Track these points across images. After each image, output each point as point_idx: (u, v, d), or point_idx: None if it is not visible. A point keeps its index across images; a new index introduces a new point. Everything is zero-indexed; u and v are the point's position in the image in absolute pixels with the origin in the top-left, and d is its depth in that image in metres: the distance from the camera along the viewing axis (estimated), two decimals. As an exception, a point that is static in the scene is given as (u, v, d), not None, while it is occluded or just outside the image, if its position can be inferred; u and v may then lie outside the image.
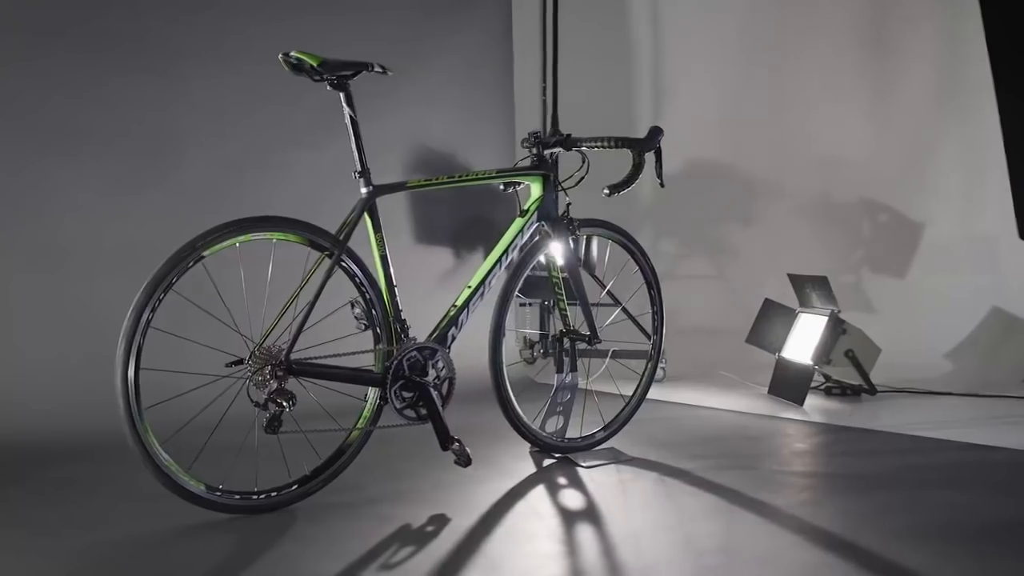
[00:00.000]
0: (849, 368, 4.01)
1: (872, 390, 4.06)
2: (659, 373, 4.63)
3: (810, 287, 4.18)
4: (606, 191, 2.91)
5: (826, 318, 4.01)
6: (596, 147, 2.97)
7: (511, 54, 4.92)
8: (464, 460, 2.70)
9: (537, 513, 2.53)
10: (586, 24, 5.74)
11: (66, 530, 2.38)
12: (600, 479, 2.86)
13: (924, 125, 5.26)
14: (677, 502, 2.63)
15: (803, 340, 4.13)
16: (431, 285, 3.95)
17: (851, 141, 5.41)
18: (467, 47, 4.64)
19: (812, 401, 4.03)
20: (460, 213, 4.48)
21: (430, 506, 2.55)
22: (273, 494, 2.52)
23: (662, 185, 3.05)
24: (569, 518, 2.50)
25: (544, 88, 4.76)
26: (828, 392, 4.19)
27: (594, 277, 4.68)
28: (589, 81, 5.70)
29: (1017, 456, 3.12)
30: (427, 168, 4.32)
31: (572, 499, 2.69)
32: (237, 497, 2.46)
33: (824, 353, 3.98)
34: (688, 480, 2.84)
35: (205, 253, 2.39)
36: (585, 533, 2.37)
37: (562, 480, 2.86)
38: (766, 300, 4.43)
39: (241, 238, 2.44)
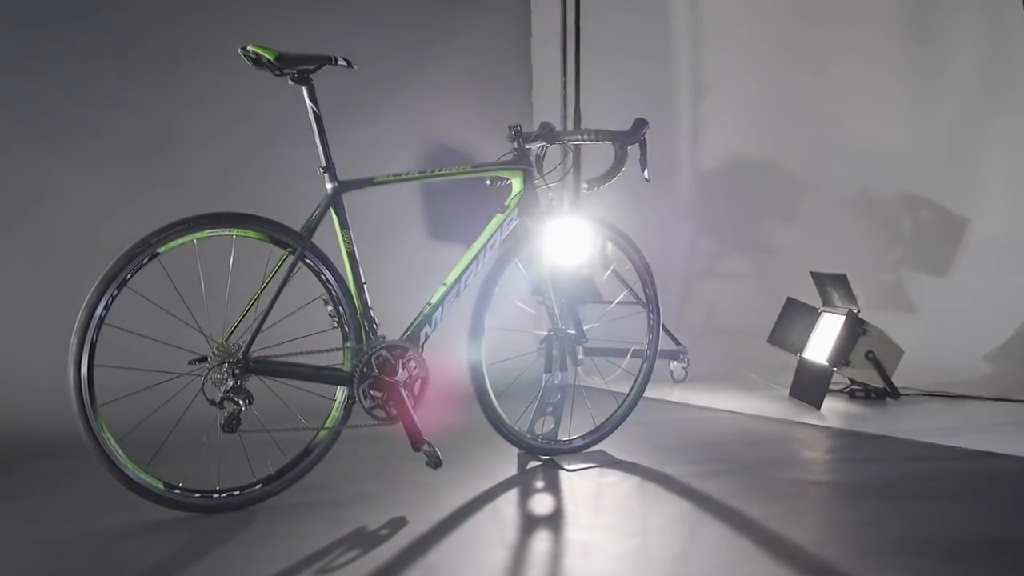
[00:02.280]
0: (870, 370, 3.84)
1: (895, 393, 3.88)
2: (680, 373, 4.54)
3: (831, 285, 4.02)
4: (585, 185, 2.82)
5: (841, 317, 3.84)
6: (578, 141, 2.88)
7: (528, 47, 4.84)
8: (435, 462, 2.65)
9: (498, 518, 2.47)
10: (621, 17, 5.64)
11: (22, 525, 2.39)
12: (578, 483, 2.78)
13: (969, 118, 5.01)
14: (648, 509, 2.55)
15: (824, 341, 3.97)
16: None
17: (893, 135, 5.19)
18: (482, 40, 4.58)
19: (832, 404, 3.88)
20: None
21: (393, 508, 2.50)
22: (235, 493, 2.50)
23: (647, 179, 2.94)
24: (529, 524, 2.43)
25: (564, 82, 4.68)
26: (852, 395, 4.02)
27: (617, 276, 4.62)
28: (623, 75, 5.60)
29: (1030, 466, 2.95)
30: (439, 163, 4.27)
31: (540, 504, 2.61)
32: (197, 495, 2.45)
33: (842, 354, 3.82)
34: (670, 486, 2.75)
35: (160, 250, 2.38)
36: (539, 540, 2.29)
37: (539, 484, 2.79)
38: (788, 299, 4.29)
39: (198, 235, 2.42)
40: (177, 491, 2.42)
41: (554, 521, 2.45)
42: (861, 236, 5.21)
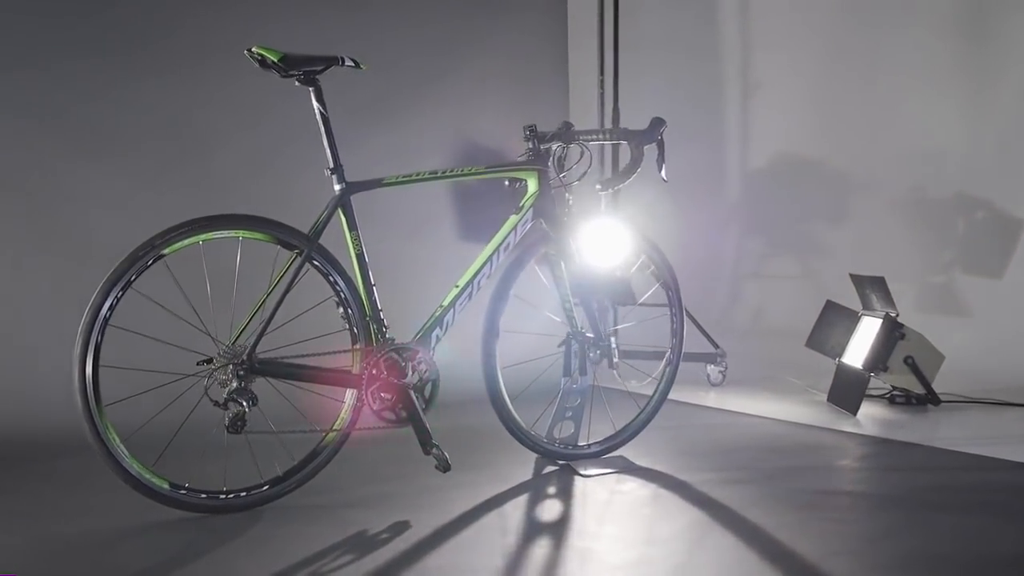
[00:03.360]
0: (909, 376, 3.72)
1: (935, 400, 3.75)
2: (717, 377, 4.45)
3: (870, 288, 3.90)
4: (598, 186, 2.77)
5: (879, 321, 3.73)
6: (593, 140, 2.82)
7: (565, 47, 4.79)
8: (443, 466, 2.62)
9: (503, 524, 2.43)
10: (665, 15, 5.57)
11: (27, 523, 2.43)
12: (591, 489, 2.74)
13: (1025, 117, 4.83)
14: (658, 518, 2.48)
15: (862, 345, 3.85)
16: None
17: (947, 134, 5.02)
18: (517, 40, 4.54)
19: (870, 410, 3.76)
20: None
21: (398, 512, 2.48)
22: (242, 494, 2.50)
23: (664, 180, 2.87)
24: (532, 531, 2.38)
25: (601, 81, 4.63)
26: (892, 400, 3.89)
27: (653, 276, 4.55)
28: (668, 73, 5.52)
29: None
30: (473, 162, 4.25)
31: (548, 510, 2.57)
32: (203, 496, 2.46)
33: (879, 359, 3.70)
34: (685, 494, 2.68)
35: (165, 251, 2.39)
36: (539, 548, 2.25)
37: (551, 489, 2.75)
38: (827, 302, 4.17)
39: (203, 236, 2.43)
40: (183, 491, 2.43)
41: (558, 528, 2.40)
42: (912, 237, 5.07)
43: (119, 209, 3.69)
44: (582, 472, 2.89)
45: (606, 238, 3.06)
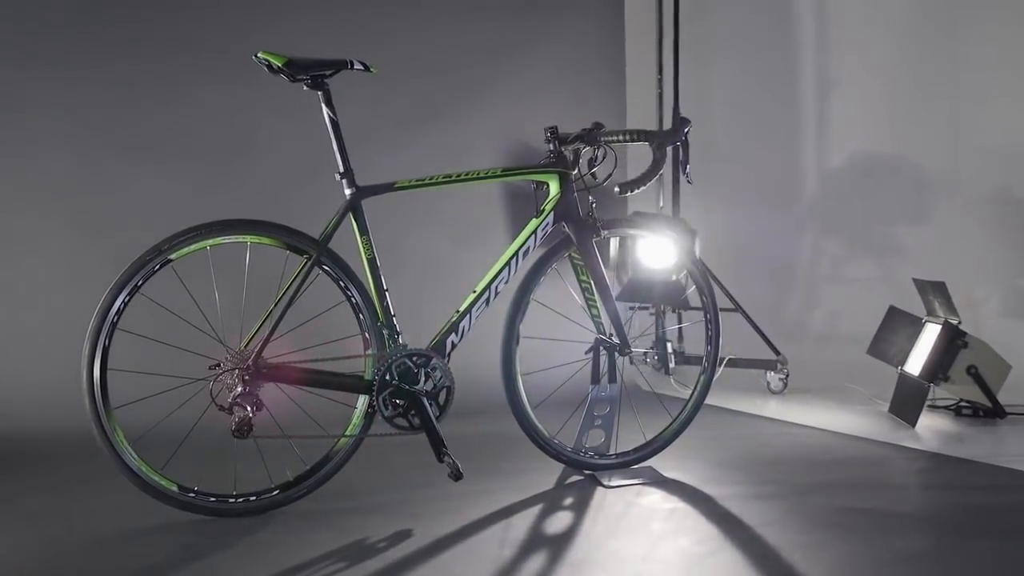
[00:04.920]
0: (971, 386, 3.51)
1: (1000, 412, 3.53)
2: (778, 384, 4.30)
3: (931, 293, 3.70)
4: (617, 189, 2.68)
5: (939, 328, 3.53)
6: (615, 141, 2.74)
7: (622, 45, 4.68)
8: (455, 474, 2.58)
9: (505, 536, 2.37)
10: (738, 10, 5.42)
11: (33, 522, 2.48)
12: (610, 501, 2.65)
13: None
14: (668, 533, 2.38)
15: (923, 353, 3.66)
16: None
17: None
18: (572, 39, 4.46)
19: (933, 422, 3.57)
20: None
21: (404, 520, 2.46)
22: (252, 498, 2.51)
23: (689, 182, 2.77)
24: (533, 543, 2.31)
25: (660, 81, 4.52)
26: (958, 412, 3.68)
27: (715, 280, 4.42)
28: (740, 71, 5.37)
29: None
30: (523, 161, 4.21)
31: (556, 522, 2.49)
32: (212, 499, 2.47)
33: (938, 369, 3.50)
34: (705, 508, 2.58)
35: (172, 256, 2.41)
36: (534, 561, 2.18)
37: (568, 500, 2.68)
38: (891, 307, 3.98)
39: (211, 241, 2.45)
40: (192, 494, 2.45)
41: (560, 541, 2.32)
42: (996, 239, 4.80)
43: (165, 212, 3.75)
44: (605, 483, 2.81)
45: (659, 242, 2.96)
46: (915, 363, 3.69)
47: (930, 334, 3.67)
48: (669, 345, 4.47)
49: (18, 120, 3.64)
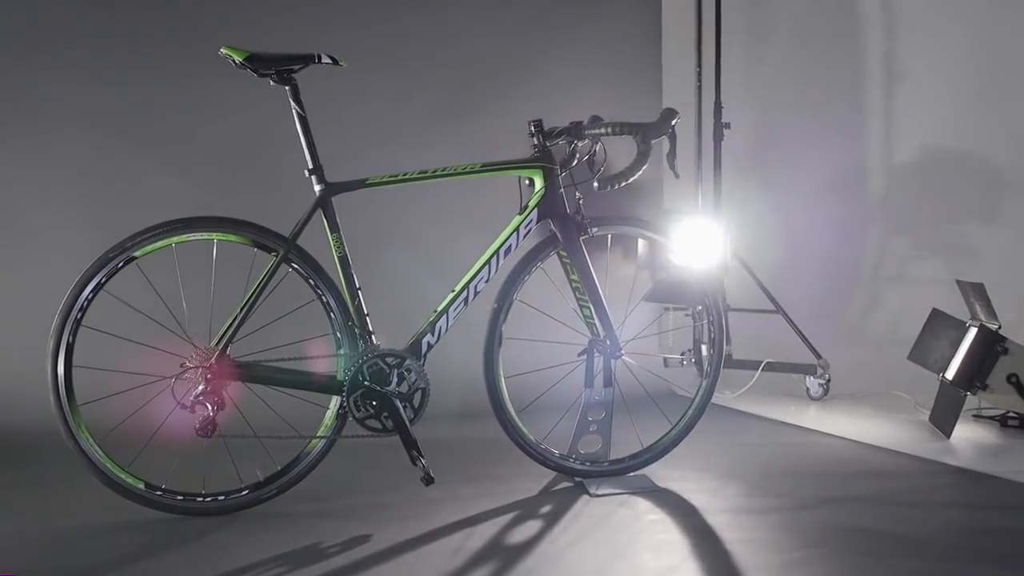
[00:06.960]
0: (1012, 395, 3.26)
1: (1044, 424, 3.28)
2: (818, 390, 4.09)
3: (972, 296, 3.45)
4: (596, 185, 2.55)
5: (975, 332, 3.28)
6: (597, 134, 2.61)
7: (659, 36, 4.53)
8: (427, 478, 2.50)
9: (462, 545, 2.27)
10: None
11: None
12: (588, 512, 2.53)
13: None
14: (634, 546, 2.26)
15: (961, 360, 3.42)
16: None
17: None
18: (607, 30, 4.33)
19: (972, 433, 3.34)
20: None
21: (366, 525, 2.40)
22: (220, 498, 2.49)
23: (676, 176, 2.63)
24: (488, 553, 2.20)
25: (699, 73, 4.34)
26: (1003, 423, 3.43)
27: (755, 280, 4.24)
28: (801, 63, 5.15)
29: None
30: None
31: (523, 531, 2.37)
32: (180, 498, 2.46)
33: (975, 376, 3.26)
34: (688, 522, 2.44)
35: (136, 254, 2.39)
36: (479, 570, 2.08)
37: (545, 508, 2.57)
38: (933, 310, 3.73)
39: (176, 239, 2.42)
40: (159, 492, 2.43)
41: (517, 552, 2.21)
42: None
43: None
44: (592, 492, 2.69)
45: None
46: (955, 370, 3.45)
47: (970, 339, 3.43)
48: (704, 348, 4.30)
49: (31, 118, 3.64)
